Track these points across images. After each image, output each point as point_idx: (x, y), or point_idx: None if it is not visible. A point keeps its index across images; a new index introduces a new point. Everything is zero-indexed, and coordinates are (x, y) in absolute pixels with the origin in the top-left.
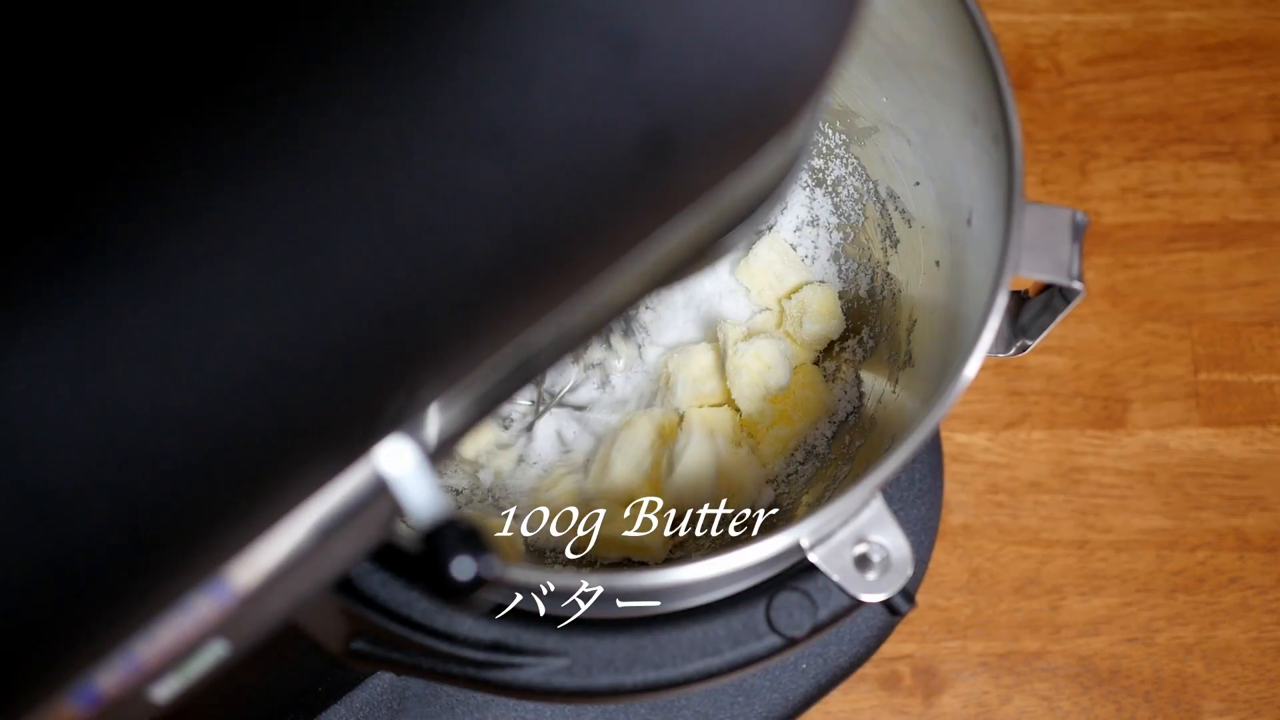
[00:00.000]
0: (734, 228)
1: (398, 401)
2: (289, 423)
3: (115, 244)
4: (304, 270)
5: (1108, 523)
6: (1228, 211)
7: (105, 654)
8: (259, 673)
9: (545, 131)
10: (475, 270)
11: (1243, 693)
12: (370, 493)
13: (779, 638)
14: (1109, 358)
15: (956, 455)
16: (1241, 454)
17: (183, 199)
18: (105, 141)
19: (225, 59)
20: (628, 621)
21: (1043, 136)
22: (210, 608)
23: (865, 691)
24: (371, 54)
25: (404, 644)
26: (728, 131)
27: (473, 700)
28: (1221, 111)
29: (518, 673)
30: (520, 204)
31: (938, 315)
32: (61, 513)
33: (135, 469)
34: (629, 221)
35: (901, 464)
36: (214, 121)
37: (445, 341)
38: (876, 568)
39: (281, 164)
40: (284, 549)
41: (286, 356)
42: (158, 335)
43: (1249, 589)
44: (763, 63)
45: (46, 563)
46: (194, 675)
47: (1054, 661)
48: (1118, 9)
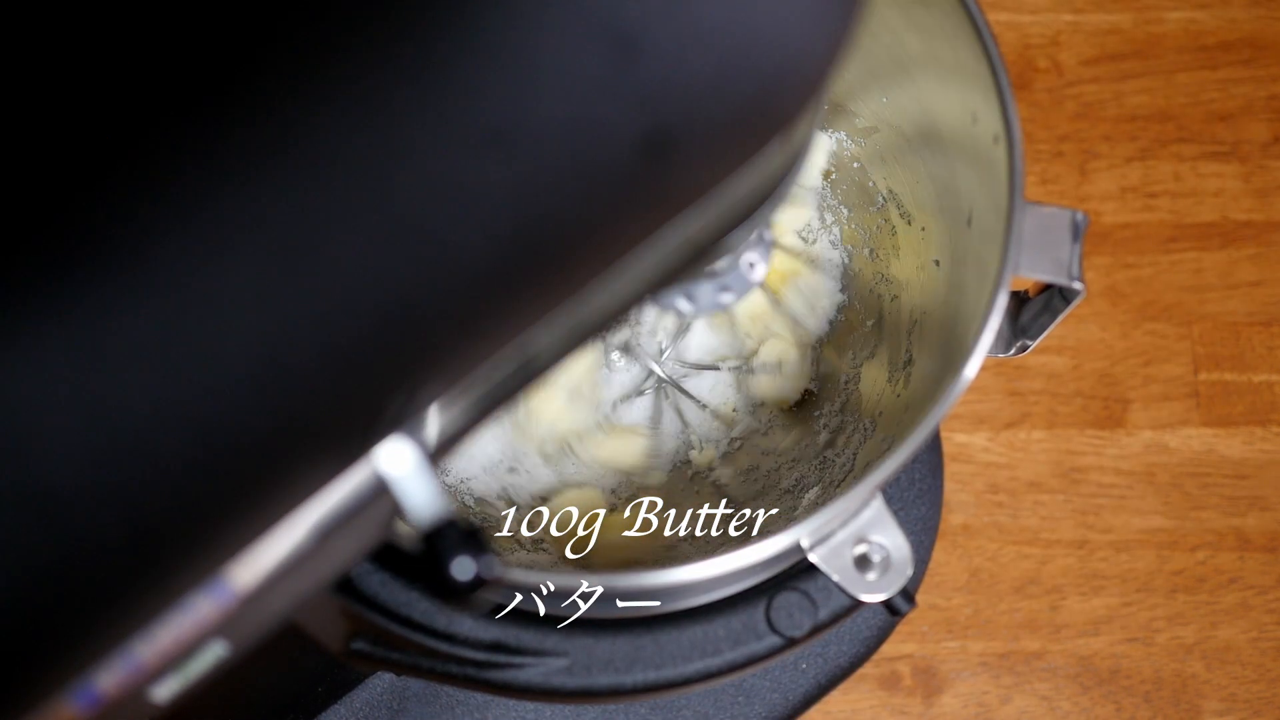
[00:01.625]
0: (734, 228)
1: (398, 402)
2: (289, 423)
3: (115, 243)
4: (304, 270)
5: (1108, 523)
6: (1228, 211)
7: (105, 654)
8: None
9: (545, 131)
10: (475, 270)
11: (1243, 693)
12: (370, 493)
13: (779, 638)
14: (1109, 358)
15: (956, 455)
16: (1241, 454)
17: (182, 198)
18: (105, 140)
19: (225, 58)
20: (628, 621)
21: (1043, 136)
22: (210, 608)
23: (865, 691)
24: (371, 53)
25: (404, 644)
26: (728, 132)
27: (473, 700)
28: (1221, 111)
29: (518, 673)
30: (520, 204)
31: (938, 315)
32: (61, 513)
33: (135, 469)
34: (629, 221)
35: (901, 464)
36: (214, 120)
37: (445, 341)
38: (876, 568)
39: (282, 163)
40: (284, 549)
41: (286, 356)
42: (158, 335)
43: (1249, 589)
44: (763, 63)
45: (46, 563)
46: (194, 675)
47: (1054, 661)
48: (1118, 9)
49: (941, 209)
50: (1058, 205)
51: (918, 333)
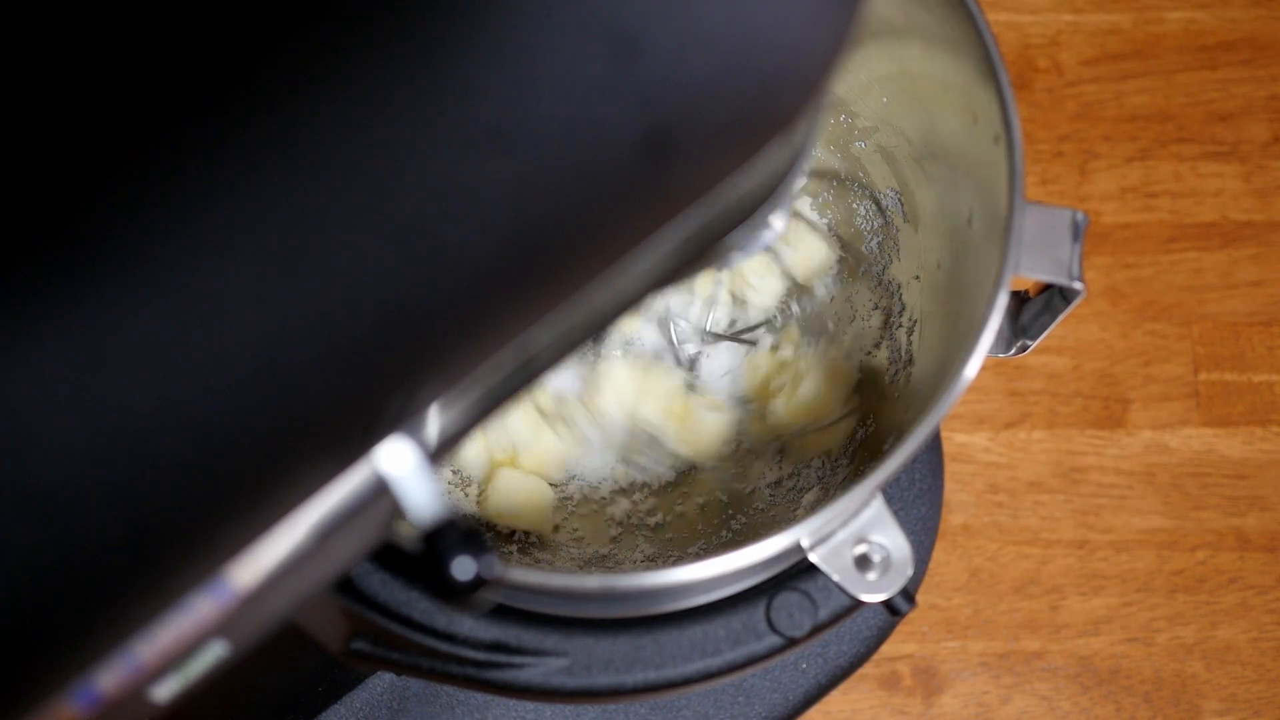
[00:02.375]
0: (735, 228)
1: (398, 402)
2: (289, 422)
3: (115, 243)
4: (304, 269)
5: (1108, 523)
6: (1228, 211)
7: (105, 654)
8: (259, 673)
9: (545, 131)
10: (475, 270)
11: (1243, 693)
12: (370, 493)
13: (779, 638)
14: (1109, 358)
15: (956, 455)
16: (1241, 454)
17: (183, 198)
18: (105, 139)
19: (225, 57)
20: (628, 621)
21: (1043, 136)
22: (210, 608)
23: (865, 691)
24: (371, 53)
25: (404, 644)
26: (728, 132)
27: (473, 700)
28: (1221, 111)
29: (518, 673)
30: (520, 204)
31: (938, 315)
32: (62, 513)
33: (135, 469)
34: (629, 221)
35: (901, 464)
36: (214, 120)
37: (445, 341)
38: (876, 568)
39: (282, 163)
40: (284, 549)
41: (286, 356)
42: (158, 335)
43: (1249, 589)
44: (763, 63)
45: (46, 563)
46: (194, 675)
47: (1054, 661)
48: (1118, 9)
49: (942, 209)
50: (1058, 205)
51: (918, 333)
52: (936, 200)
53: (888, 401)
